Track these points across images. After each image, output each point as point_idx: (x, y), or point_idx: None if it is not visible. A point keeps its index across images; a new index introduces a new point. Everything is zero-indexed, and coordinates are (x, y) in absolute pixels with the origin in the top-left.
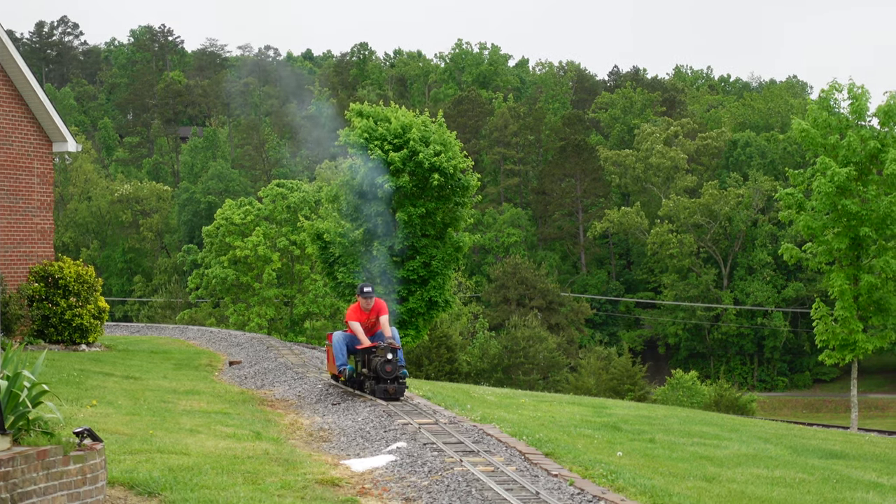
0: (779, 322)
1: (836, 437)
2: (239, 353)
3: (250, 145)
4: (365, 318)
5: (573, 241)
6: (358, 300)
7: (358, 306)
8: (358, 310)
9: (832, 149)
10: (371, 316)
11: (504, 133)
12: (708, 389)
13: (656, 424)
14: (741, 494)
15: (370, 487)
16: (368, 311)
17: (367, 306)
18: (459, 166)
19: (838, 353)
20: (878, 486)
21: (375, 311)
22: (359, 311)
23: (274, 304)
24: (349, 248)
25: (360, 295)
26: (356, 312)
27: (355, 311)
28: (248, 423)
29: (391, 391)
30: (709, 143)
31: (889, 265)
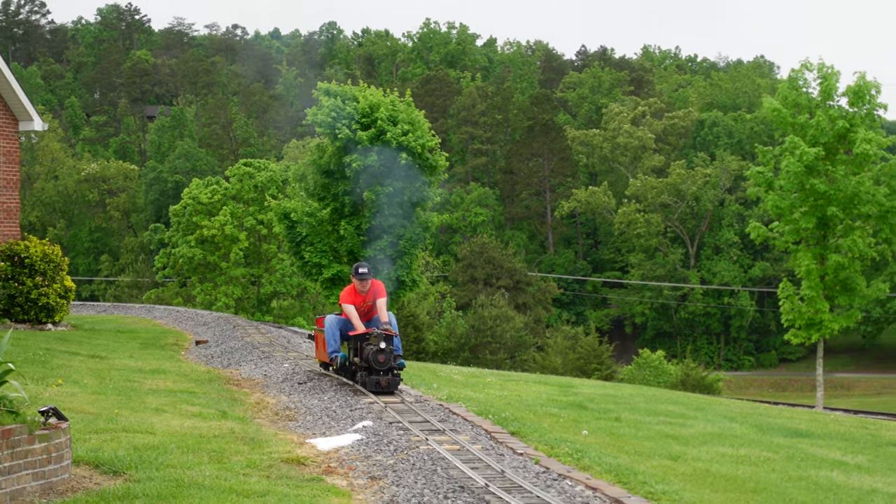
0: (745, 302)
1: (802, 415)
2: (205, 332)
3: (217, 124)
4: (360, 302)
5: (540, 220)
6: (353, 282)
7: (353, 288)
8: (353, 292)
9: (801, 128)
10: (367, 299)
11: (472, 112)
12: (674, 369)
13: (622, 403)
14: (706, 473)
15: (336, 466)
16: (365, 294)
17: (362, 289)
18: (427, 146)
19: (804, 332)
20: (843, 465)
21: (372, 294)
22: (353, 293)
23: (241, 283)
24: (316, 228)
25: (355, 276)
26: (351, 295)
27: (350, 293)
28: (214, 402)
29: (384, 384)
30: (676, 122)
31: (856, 245)
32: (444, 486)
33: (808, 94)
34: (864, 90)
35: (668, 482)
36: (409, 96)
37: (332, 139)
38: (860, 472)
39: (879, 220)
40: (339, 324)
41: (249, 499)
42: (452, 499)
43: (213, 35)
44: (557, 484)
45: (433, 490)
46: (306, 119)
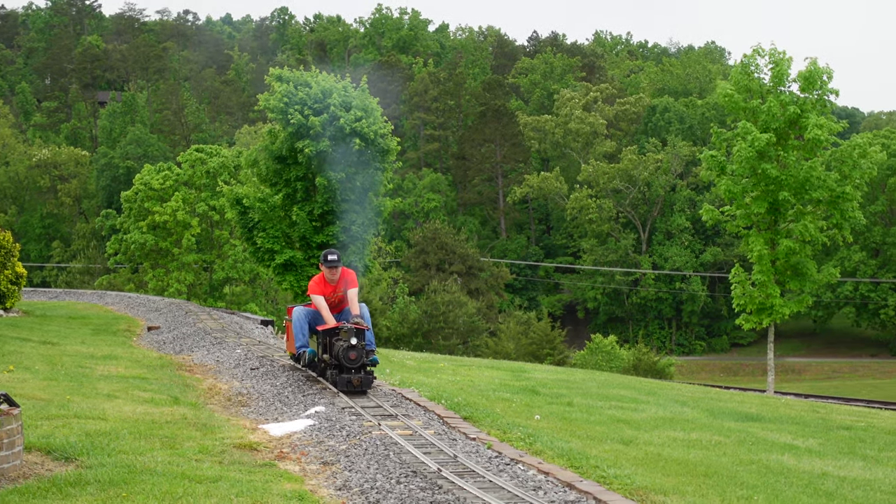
0: (697, 287)
1: (753, 400)
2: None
3: (169, 110)
4: (331, 292)
5: (493, 206)
6: (322, 270)
7: (322, 278)
8: (322, 281)
9: (753, 113)
10: (338, 289)
11: (424, 98)
12: (626, 353)
13: (574, 388)
14: (658, 457)
15: (288, 452)
16: (335, 284)
17: (332, 277)
18: (380, 131)
19: (755, 317)
20: (794, 448)
21: (343, 284)
22: (323, 283)
23: (193, 269)
24: (269, 214)
25: (325, 264)
26: (320, 285)
27: (319, 283)
28: (166, 388)
29: (356, 383)
30: (628, 108)
31: (807, 230)
32: (396, 471)
33: (759, 80)
34: (815, 76)
35: (620, 466)
36: (364, 82)
37: (284, 125)
38: (811, 456)
39: (830, 206)
40: (308, 316)
41: (202, 484)
42: (405, 483)
43: (164, 20)
44: (510, 468)
45: (386, 475)
46: (258, 105)
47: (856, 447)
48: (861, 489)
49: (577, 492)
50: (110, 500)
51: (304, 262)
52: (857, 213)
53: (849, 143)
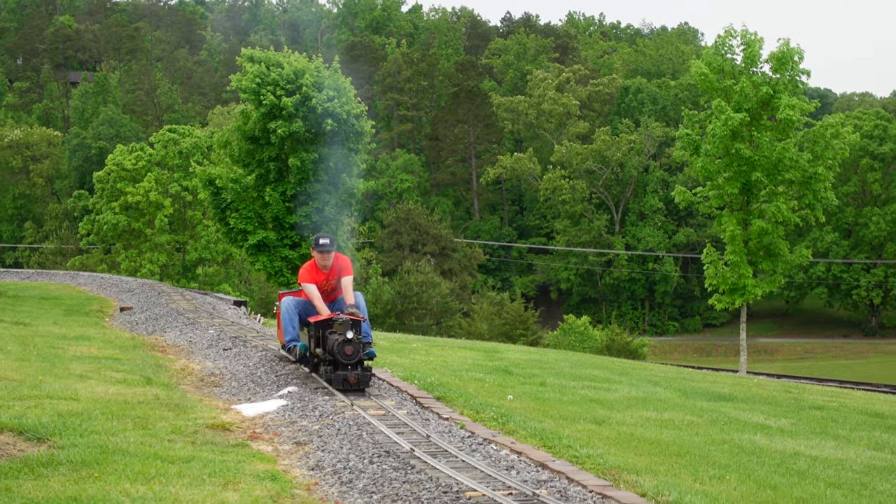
0: (670, 267)
1: (725, 380)
2: (130, 299)
3: (141, 90)
4: (323, 280)
5: (466, 186)
6: (313, 256)
7: (313, 264)
8: (313, 269)
9: (726, 93)
10: (331, 277)
11: (397, 79)
12: (600, 334)
13: (547, 368)
14: (630, 437)
15: (261, 432)
16: (328, 271)
17: (324, 264)
18: (353, 112)
19: (728, 297)
20: (766, 428)
21: (336, 271)
22: (314, 270)
23: (166, 250)
24: (241, 194)
25: (316, 249)
26: (311, 272)
27: (310, 270)
28: (138, 368)
29: (352, 381)
30: (601, 89)
31: (779, 210)
32: (369, 451)
33: (732, 61)
34: (787, 57)
35: (593, 446)
36: (337, 63)
37: (256, 105)
38: (783, 436)
39: (802, 186)
40: (298, 306)
41: (174, 465)
42: (378, 463)
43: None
44: (483, 448)
45: (359, 455)
46: (231, 85)
47: (828, 427)
48: (833, 468)
49: (550, 471)
50: (83, 480)
51: (276, 243)
52: (829, 194)
53: (821, 123)
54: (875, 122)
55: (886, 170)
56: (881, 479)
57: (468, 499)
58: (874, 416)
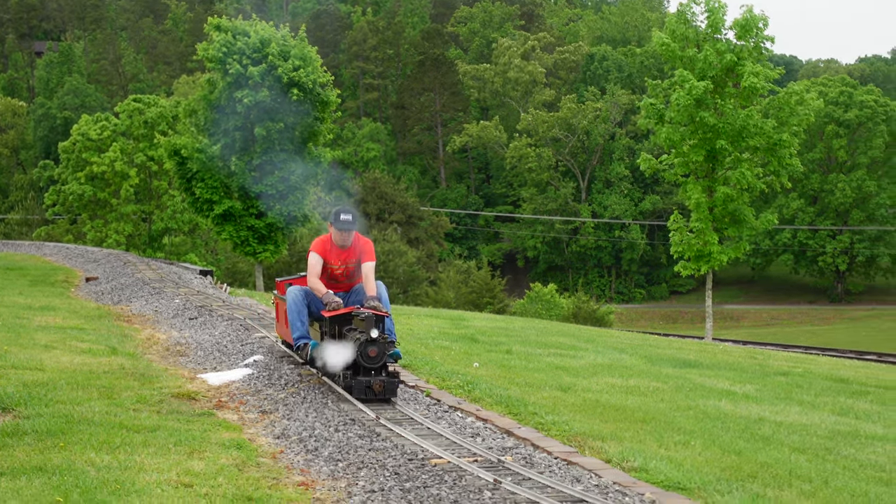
0: (636, 235)
1: (691, 346)
2: (96, 269)
3: (106, 60)
4: (339, 261)
5: (432, 155)
6: (330, 231)
7: (328, 240)
8: (328, 244)
9: (690, 62)
10: (349, 258)
11: (363, 47)
12: (566, 302)
13: (513, 336)
14: (596, 403)
15: (227, 400)
16: (346, 251)
17: (343, 242)
18: (319, 81)
19: (693, 263)
20: (731, 394)
21: (356, 253)
22: (330, 245)
23: (132, 220)
24: (207, 164)
25: (335, 224)
26: (325, 248)
27: (324, 243)
28: (104, 338)
29: (377, 388)
30: (566, 57)
31: (744, 177)
32: (335, 419)
33: (696, 28)
34: (751, 23)
35: (559, 413)
36: (303, 32)
37: (222, 75)
38: (748, 401)
39: (767, 153)
40: (307, 297)
41: (140, 434)
42: (343, 431)
43: None
44: (448, 416)
45: (324, 423)
46: (196, 54)
47: (792, 393)
48: (797, 434)
49: (516, 438)
50: (48, 450)
51: (242, 213)
52: (794, 161)
53: (786, 90)
54: (840, 88)
55: (852, 136)
56: (845, 444)
57: (433, 466)
58: (839, 381)
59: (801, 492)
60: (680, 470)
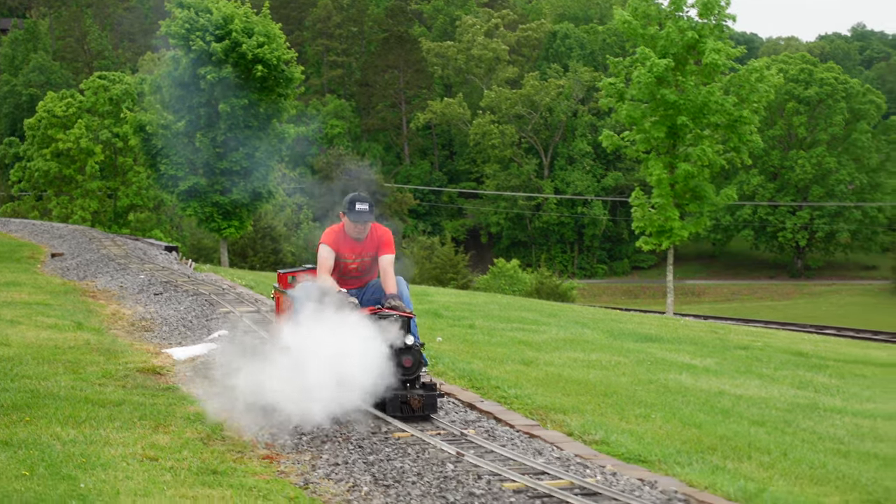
0: (598, 211)
1: (652, 321)
2: (62, 245)
3: (72, 38)
4: (353, 254)
5: (396, 132)
6: (342, 220)
7: (340, 231)
8: (341, 234)
9: (651, 39)
10: (365, 252)
11: (327, 24)
12: (529, 277)
13: (477, 311)
14: (558, 377)
15: (191, 375)
16: (361, 243)
17: (358, 234)
18: (283, 58)
19: (655, 239)
20: (691, 368)
21: (373, 245)
22: (342, 236)
23: (97, 196)
24: (172, 140)
25: (350, 214)
26: (338, 239)
27: (336, 233)
28: (69, 313)
29: (415, 404)
30: (529, 34)
31: (705, 153)
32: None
33: (658, 6)
34: (712, 2)
35: (521, 386)
36: (266, 9)
37: (186, 51)
38: (708, 375)
39: (728, 129)
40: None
41: (105, 408)
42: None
43: None
44: None
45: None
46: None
47: (752, 366)
48: (756, 407)
49: (479, 412)
50: (14, 424)
51: (207, 189)
52: (754, 137)
53: (746, 67)
54: (801, 66)
55: (812, 113)
56: (804, 417)
57: (397, 439)
58: (798, 355)
59: (761, 464)
60: (641, 443)
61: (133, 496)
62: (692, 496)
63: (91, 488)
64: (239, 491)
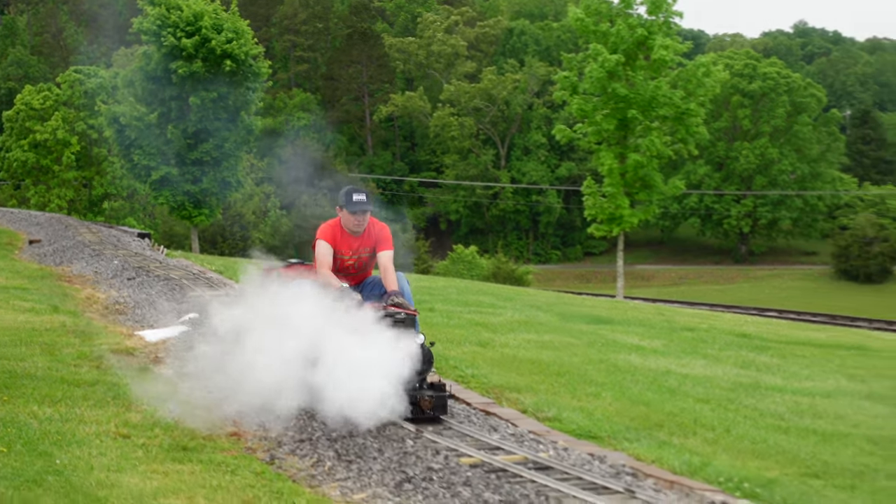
0: (552, 199)
1: (603, 304)
2: (39, 232)
3: (48, 33)
4: (350, 250)
5: (360, 124)
6: (339, 215)
7: (337, 226)
8: (338, 230)
9: (603, 36)
10: (363, 247)
11: (294, 21)
12: (486, 262)
13: (436, 295)
14: (513, 357)
15: (163, 356)
16: (359, 238)
17: (356, 228)
18: (251, 53)
19: (606, 226)
20: (640, 349)
21: (372, 240)
22: (339, 232)
23: (73, 185)
24: (144, 132)
25: (348, 206)
26: (336, 234)
27: (334, 228)
28: (46, 297)
29: (425, 405)
30: (487, 31)
31: (654, 144)
32: None
33: (609, 4)
34: (661, 0)
35: (478, 367)
36: (234, 6)
37: (158, 47)
38: (656, 355)
39: (675, 122)
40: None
41: (80, 388)
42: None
43: None
44: None
45: None
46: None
47: (698, 347)
48: (702, 385)
49: None
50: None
51: (179, 178)
52: (701, 129)
53: (693, 62)
54: (745, 61)
55: (755, 106)
56: (746, 395)
57: None
58: (741, 336)
59: (705, 439)
60: (591, 419)
61: (106, 471)
62: (640, 470)
63: (66, 464)
64: (208, 466)
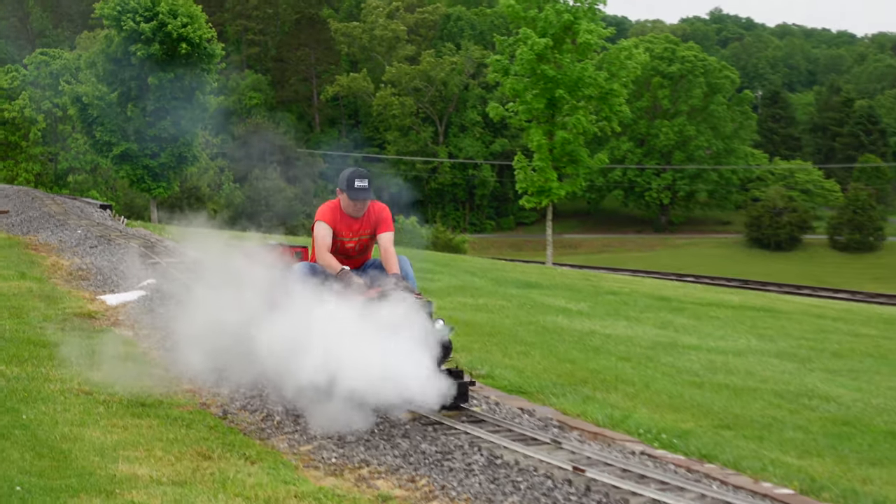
0: (487, 173)
1: (533, 270)
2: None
3: (16, 17)
4: (350, 232)
5: (308, 103)
6: (339, 197)
7: (337, 208)
8: (337, 212)
9: (532, 21)
10: (363, 230)
11: (245, 6)
12: (426, 232)
13: None
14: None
15: (123, 319)
16: (359, 220)
17: (356, 211)
18: (205, 36)
19: (536, 198)
20: (567, 311)
21: (371, 223)
22: (339, 214)
23: (40, 160)
24: (106, 110)
25: (349, 192)
26: (336, 216)
27: (333, 210)
28: (13, 264)
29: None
30: (426, 16)
31: (580, 122)
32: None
33: None
34: None
35: None
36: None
37: (118, 31)
38: (581, 317)
39: (600, 101)
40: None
41: (45, 349)
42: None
43: None
44: None
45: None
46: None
47: (620, 309)
48: (623, 344)
49: None
50: None
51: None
52: (623, 108)
53: (616, 46)
54: (665, 45)
55: (674, 87)
56: (664, 353)
57: None
58: (660, 299)
59: (626, 394)
60: (521, 376)
61: (70, 426)
62: (566, 422)
63: (32, 419)
64: (165, 421)
